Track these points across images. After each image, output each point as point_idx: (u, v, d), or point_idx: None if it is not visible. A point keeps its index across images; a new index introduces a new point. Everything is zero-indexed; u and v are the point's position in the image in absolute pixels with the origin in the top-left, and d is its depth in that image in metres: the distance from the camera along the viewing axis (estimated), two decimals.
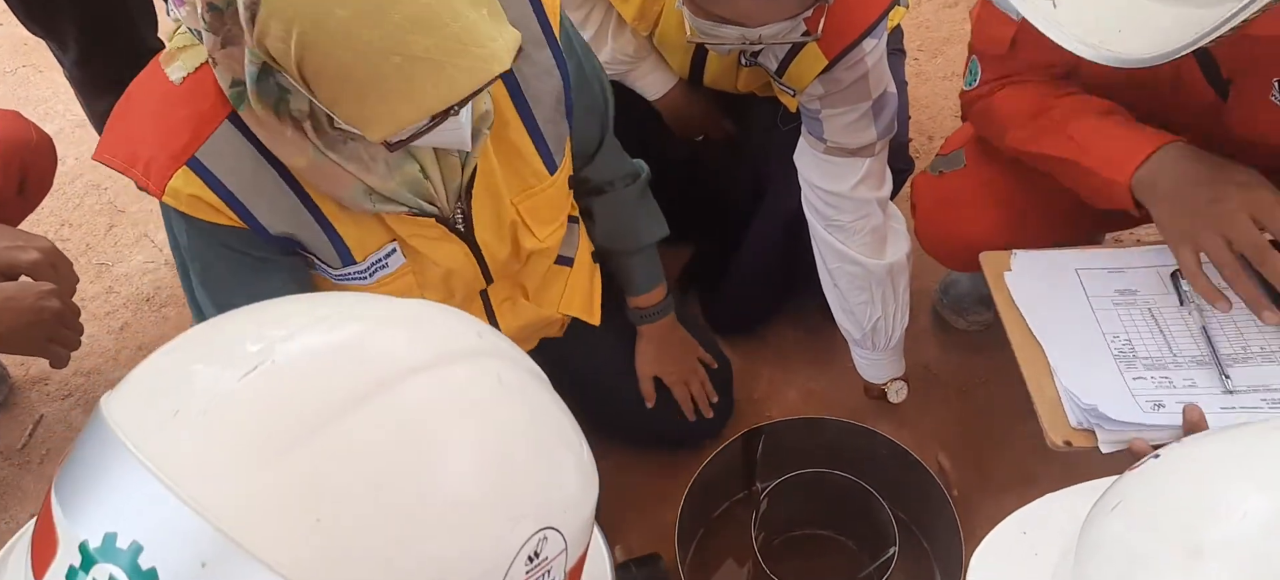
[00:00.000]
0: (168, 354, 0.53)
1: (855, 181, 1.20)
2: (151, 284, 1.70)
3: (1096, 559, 0.53)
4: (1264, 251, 0.93)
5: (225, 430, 0.47)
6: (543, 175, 1.04)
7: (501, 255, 1.06)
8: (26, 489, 1.45)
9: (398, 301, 0.56)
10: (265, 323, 0.54)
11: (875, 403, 1.46)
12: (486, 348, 0.53)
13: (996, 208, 1.21)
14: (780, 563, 1.22)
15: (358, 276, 0.99)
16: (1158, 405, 0.95)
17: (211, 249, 0.95)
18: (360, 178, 0.90)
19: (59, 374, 1.58)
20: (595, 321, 1.24)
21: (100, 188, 1.86)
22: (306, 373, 0.49)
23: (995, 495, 1.36)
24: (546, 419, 0.54)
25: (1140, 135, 1.02)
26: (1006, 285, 1.06)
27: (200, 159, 0.88)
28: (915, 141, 1.83)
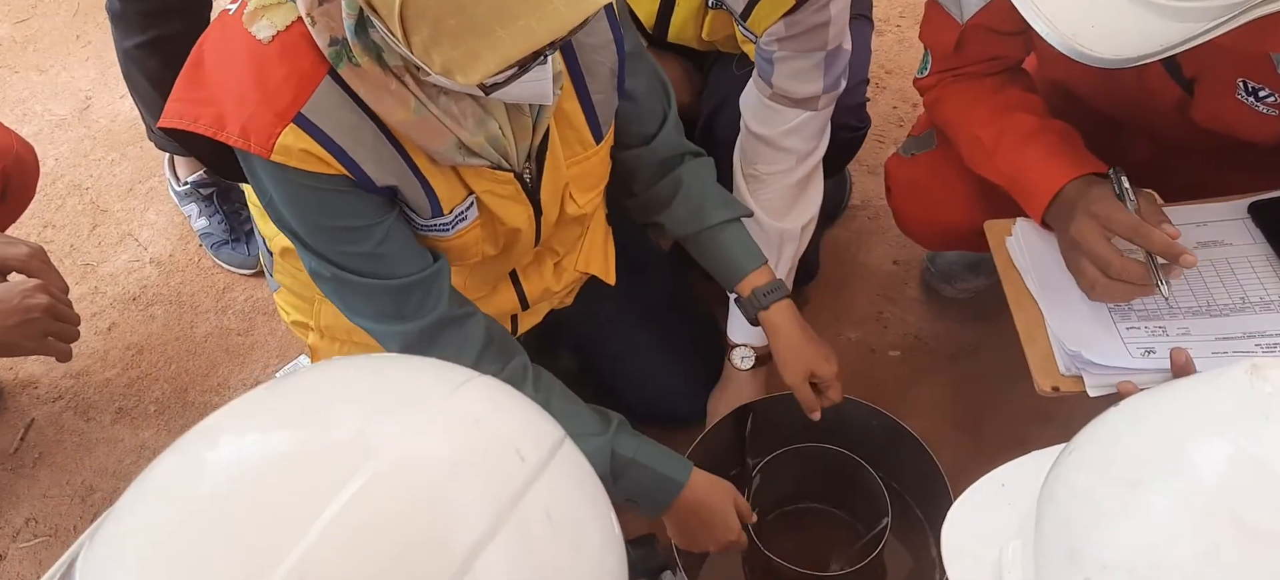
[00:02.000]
0: (160, 555, 0.44)
1: (785, 129, 1.20)
2: (137, 283, 1.69)
3: (1050, 504, 0.55)
4: (1112, 261, 0.96)
5: None
6: (589, 144, 1.07)
7: (552, 218, 1.09)
8: (20, 492, 1.45)
9: (426, 417, 0.49)
10: (283, 492, 0.44)
11: (865, 375, 1.47)
12: (530, 470, 0.48)
13: (969, 188, 1.21)
14: (775, 538, 1.23)
15: (442, 228, 1.02)
16: (1149, 351, 0.98)
17: (323, 198, 0.94)
18: (454, 131, 0.92)
19: (49, 377, 1.57)
20: (611, 280, 1.25)
21: (82, 188, 1.85)
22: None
23: (987, 461, 1.35)
24: (599, 534, 0.51)
25: (1050, 171, 1.04)
26: (1007, 248, 1.09)
27: (307, 115, 0.89)
28: (899, 109, 1.82)
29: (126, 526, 0.46)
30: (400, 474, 0.45)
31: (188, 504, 0.45)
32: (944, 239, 1.36)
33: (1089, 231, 0.97)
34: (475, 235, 1.04)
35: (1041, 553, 0.54)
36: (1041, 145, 1.06)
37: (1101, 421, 0.57)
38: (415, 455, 0.46)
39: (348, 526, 0.42)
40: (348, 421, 0.48)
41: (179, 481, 0.46)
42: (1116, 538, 0.49)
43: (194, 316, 1.64)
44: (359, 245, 0.98)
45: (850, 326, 1.54)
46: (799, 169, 1.24)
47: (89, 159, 1.90)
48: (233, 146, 0.90)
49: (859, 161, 1.73)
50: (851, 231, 1.65)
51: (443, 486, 0.46)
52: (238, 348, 1.59)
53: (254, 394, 0.51)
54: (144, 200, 1.82)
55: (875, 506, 1.19)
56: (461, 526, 0.44)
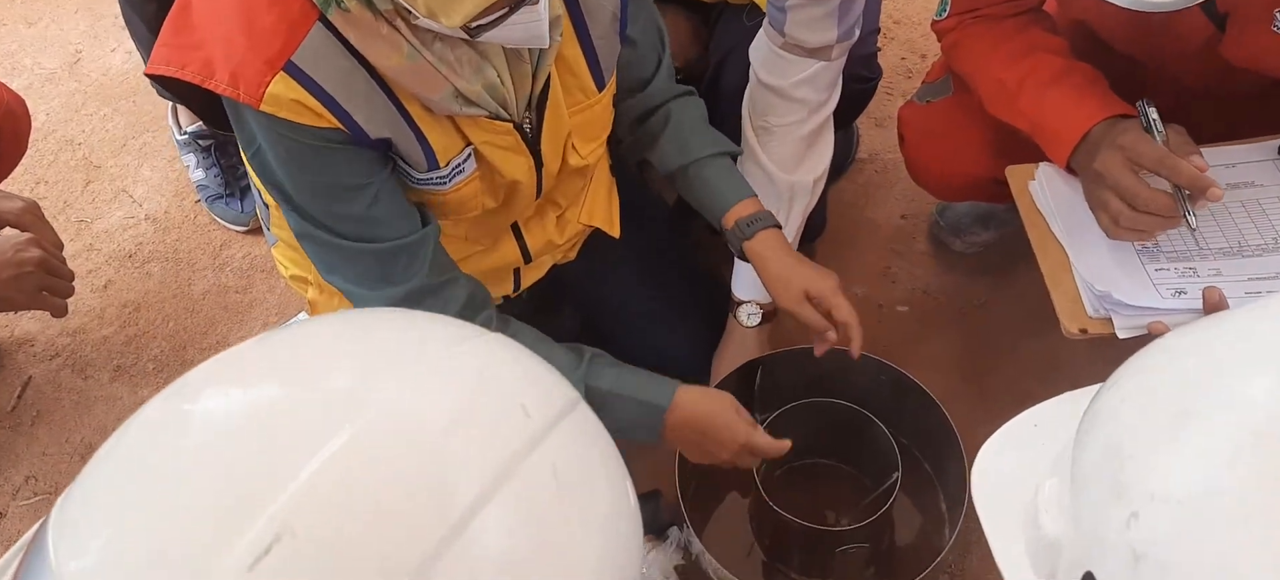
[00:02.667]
0: (135, 505, 0.41)
1: (797, 79, 1.17)
2: (133, 240, 1.67)
3: (1091, 438, 0.54)
4: (1139, 192, 0.94)
5: None
6: (591, 91, 1.04)
7: (553, 169, 1.06)
8: (19, 451, 1.43)
9: (429, 370, 0.46)
10: (265, 444, 0.41)
11: (873, 330, 1.45)
12: (537, 428, 0.45)
13: (986, 135, 1.19)
14: (783, 493, 1.22)
15: (438, 181, 0.98)
16: (1179, 292, 0.97)
17: (314, 154, 0.91)
18: (450, 79, 0.89)
19: (46, 335, 1.55)
20: (615, 233, 1.23)
21: (74, 144, 1.82)
22: (339, 552, 0.38)
23: (996, 414, 1.34)
24: (611, 500, 0.49)
25: (1077, 113, 1.01)
26: (1031, 193, 1.08)
27: (297, 62, 0.86)
28: (908, 60, 1.79)
29: (102, 478, 0.44)
30: (393, 425, 0.42)
31: (166, 453, 0.43)
32: (958, 188, 1.34)
33: (1115, 163, 0.95)
34: (474, 188, 1.02)
35: (1082, 489, 0.53)
36: (1067, 87, 1.03)
37: (1146, 354, 0.56)
38: (410, 407, 0.44)
39: (335, 476, 0.40)
40: (341, 372, 0.45)
41: (158, 433, 0.44)
42: (1166, 470, 0.48)
43: (191, 273, 1.62)
44: (349, 206, 0.95)
45: (858, 282, 1.52)
46: (811, 121, 1.22)
47: (81, 114, 1.86)
48: (221, 95, 0.88)
49: (867, 114, 1.70)
50: (858, 185, 1.63)
51: (440, 439, 0.43)
52: (236, 305, 1.57)
53: (241, 347, 0.49)
54: (138, 156, 1.79)
55: (884, 461, 1.18)
56: (459, 481, 0.42)
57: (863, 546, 1.14)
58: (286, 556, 0.37)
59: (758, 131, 1.23)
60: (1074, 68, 1.06)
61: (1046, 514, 0.55)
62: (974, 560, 1.24)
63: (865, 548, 1.15)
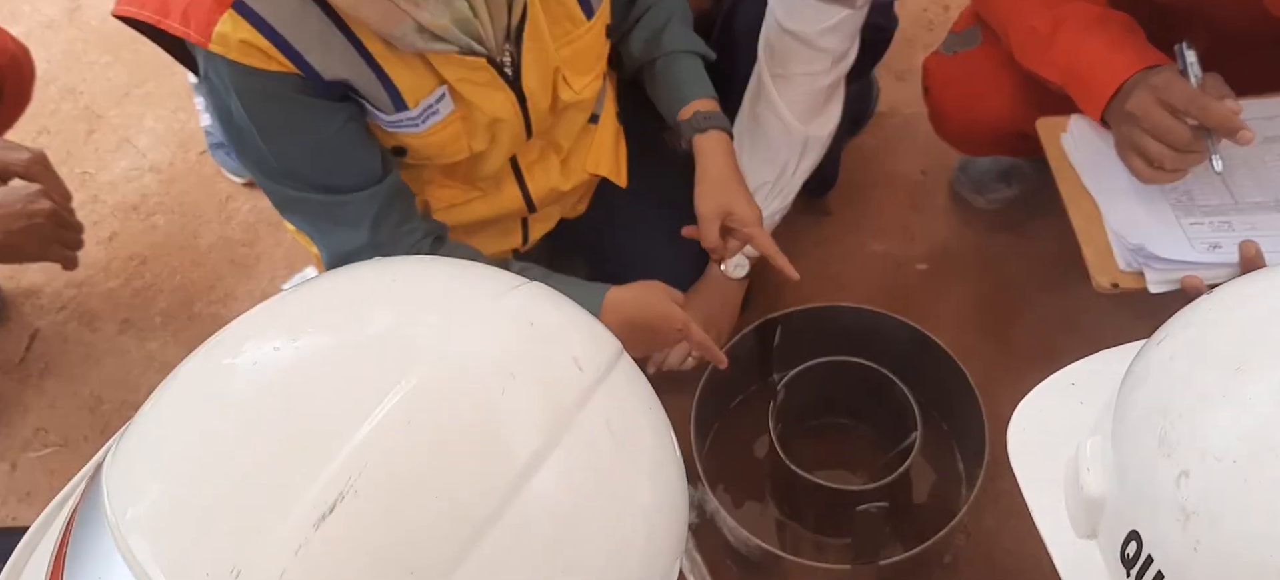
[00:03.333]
0: (192, 456, 0.41)
1: (825, 27, 1.14)
2: (137, 191, 1.64)
3: (1137, 394, 0.52)
4: (1173, 128, 0.93)
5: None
6: (580, 20, 1.00)
7: (543, 105, 1.02)
8: (27, 402, 1.42)
9: (479, 322, 0.44)
10: (322, 400, 0.40)
11: (891, 287, 1.43)
12: (589, 381, 0.45)
13: (1014, 87, 1.16)
14: (800, 452, 1.21)
15: (410, 123, 0.95)
16: (1214, 246, 0.96)
17: (267, 99, 0.89)
18: (410, 13, 0.85)
19: (51, 287, 1.54)
20: (622, 182, 1.20)
21: (76, 92, 1.79)
22: (402, 508, 0.37)
23: (1017, 372, 1.33)
24: (659, 449, 0.48)
25: (1113, 64, 0.99)
26: (1062, 145, 1.05)
27: (246, 1, 0.83)
28: (929, 11, 1.75)
29: (152, 432, 0.43)
30: (449, 380, 0.41)
31: (220, 407, 0.42)
32: (983, 141, 1.31)
33: (1147, 102, 0.94)
34: (454, 130, 0.98)
35: (1127, 446, 0.51)
36: (1103, 36, 1.00)
37: (1194, 309, 0.54)
38: (465, 362, 0.43)
39: (395, 432, 0.39)
40: (390, 323, 0.44)
41: (207, 387, 0.43)
42: (1217, 425, 0.46)
43: (197, 226, 1.60)
44: (298, 152, 0.93)
45: (875, 238, 1.49)
46: (834, 71, 1.19)
47: (82, 62, 1.83)
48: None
49: (887, 66, 1.66)
50: (878, 139, 1.60)
51: (497, 395, 0.42)
52: (243, 259, 1.55)
53: (281, 297, 0.47)
54: (140, 105, 1.76)
55: (902, 420, 1.16)
56: (518, 436, 0.41)
57: (880, 506, 1.13)
58: (351, 515, 0.37)
59: (775, 79, 1.20)
60: (1110, 17, 1.03)
61: (1088, 473, 0.54)
62: (992, 519, 1.23)
63: (883, 507, 1.14)
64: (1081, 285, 1.02)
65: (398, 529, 0.38)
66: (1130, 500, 0.50)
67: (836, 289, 1.43)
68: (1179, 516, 0.46)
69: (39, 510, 1.39)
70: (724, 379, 1.23)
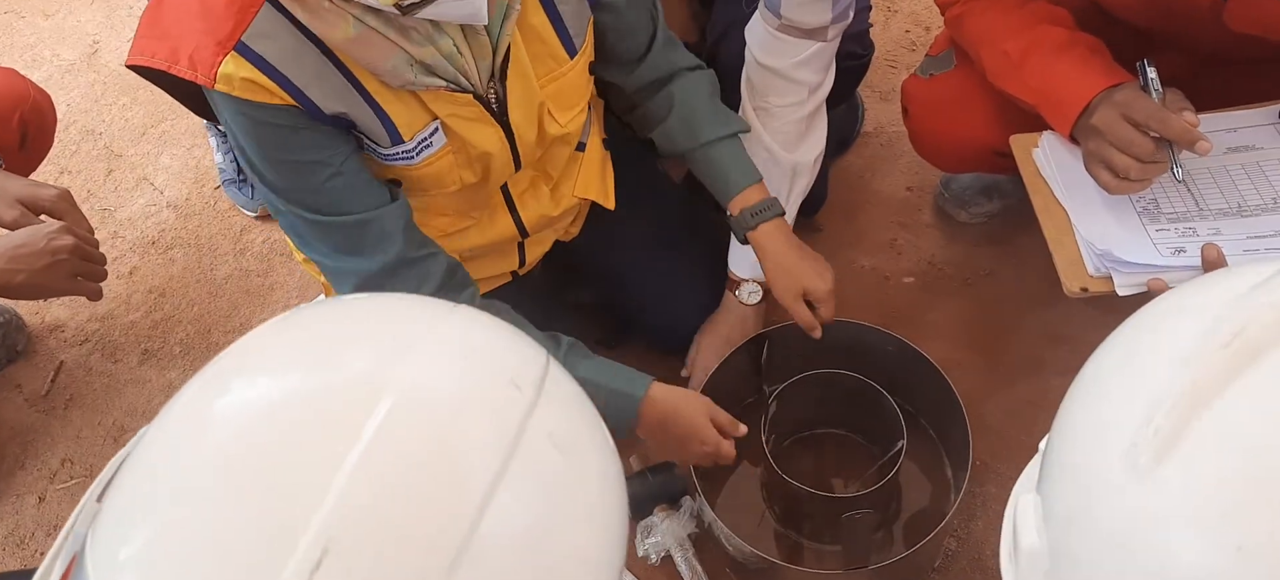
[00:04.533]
0: (175, 507, 0.43)
1: (798, 61, 1.19)
2: (156, 227, 1.71)
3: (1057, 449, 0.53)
4: (1136, 141, 0.98)
5: None
6: (563, 59, 1.05)
7: (530, 138, 1.07)
8: (54, 434, 1.48)
9: (436, 357, 0.48)
10: (292, 462, 0.43)
11: (880, 301, 1.47)
12: (528, 399, 0.48)
13: (989, 107, 1.21)
14: (792, 462, 1.26)
15: (405, 156, 1.00)
16: (1179, 250, 1.00)
17: (275, 130, 0.95)
18: (401, 45, 0.90)
19: (75, 321, 1.60)
20: (610, 205, 1.25)
21: (95, 133, 1.85)
22: (382, 554, 0.40)
23: (1003, 383, 1.39)
24: (597, 449, 0.52)
25: (1081, 83, 1.03)
26: (1034, 160, 1.10)
27: (247, 42, 0.89)
28: (912, 33, 1.80)
29: (136, 495, 0.46)
30: (407, 422, 0.45)
31: (198, 464, 0.45)
32: (962, 160, 1.36)
33: (1111, 117, 0.98)
34: (447, 162, 1.03)
35: (1051, 503, 0.52)
36: (1071, 57, 1.05)
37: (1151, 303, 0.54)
38: (418, 400, 0.46)
39: (368, 476, 0.42)
40: (352, 361, 0.48)
41: (185, 443, 0.46)
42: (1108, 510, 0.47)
43: (213, 259, 1.66)
44: (310, 180, 0.98)
45: (864, 254, 1.54)
46: (810, 101, 1.24)
47: (100, 104, 1.90)
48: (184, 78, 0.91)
49: (871, 87, 1.72)
50: (864, 159, 1.65)
51: (450, 429, 0.46)
52: (258, 289, 1.61)
53: (259, 333, 0.51)
54: (157, 144, 1.83)
55: (890, 430, 1.21)
56: (476, 464, 0.45)
57: (870, 512, 1.17)
58: (335, 569, 0.40)
59: (758, 111, 1.25)
60: (1078, 39, 1.07)
61: (1026, 529, 0.52)
62: (979, 524, 1.27)
63: (872, 513, 1.18)
64: (1064, 297, 1.06)
65: (380, 573, 0.41)
66: (1056, 553, 0.51)
67: None
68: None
69: None
70: (718, 394, 1.27)
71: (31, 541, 1.38)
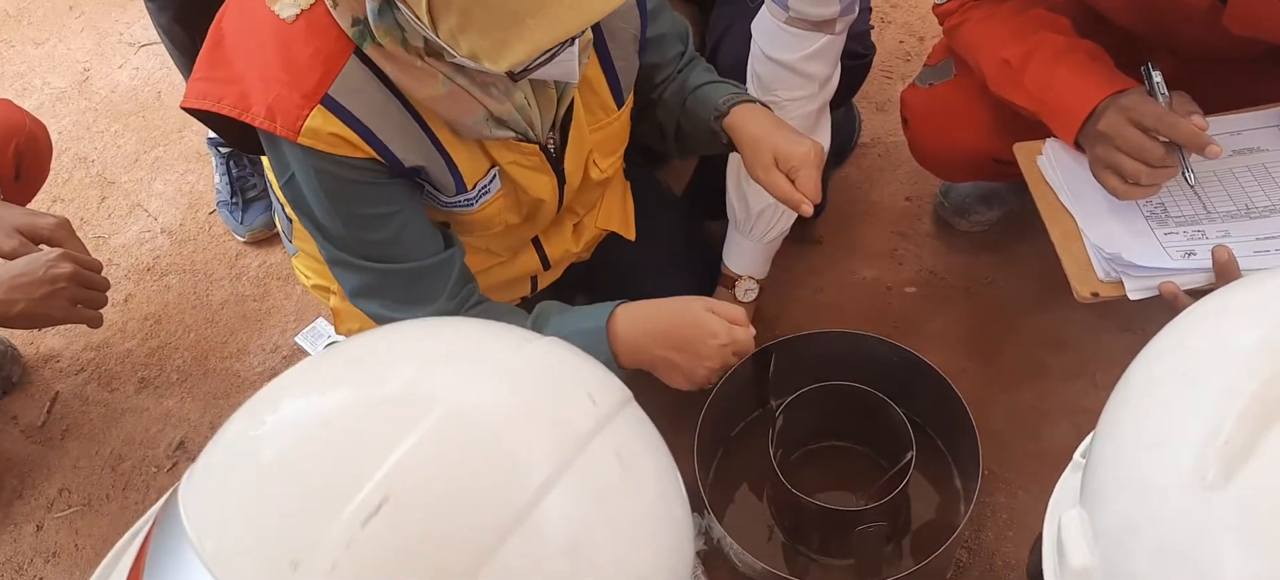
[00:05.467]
0: (254, 470, 0.47)
1: (807, 54, 1.19)
2: (150, 254, 1.70)
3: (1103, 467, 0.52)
4: (1146, 147, 0.98)
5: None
6: (611, 109, 1.06)
7: (575, 185, 1.09)
8: (51, 464, 1.46)
9: (500, 364, 0.50)
10: (364, 427, 0.47)
11: (882, 311, 1.47)
12: (601, 414, 0.50)
13: (988, 115, 1.21)
14: (800, 476, 1.25)
15: (465, 203, 1.01)
16: (1189, 253, 1.00)
17: (349, 187, 0.94)
18: (483, 102, 0.91)
19: (71, 350, 1.58)
20: (631, 235, 1.25)
21: (88, 161, 1.84)
22: (437, 511, 0.44)
23: (1007, 390, 1.39)
24: (664, 476, 0.53)
25: (1084, 90, 1.04)
26: (1038, 167, 1.10)
27: (334, 96, 0.88)
28: (907, 43, 1.81)
29: (218, 469, 0.49)
30: (474, 406, 0.47)
31: (274, 446, 0.48)
32: (961, 168, 1.36)
33: (1118, 122, 0.98)
34: (498, 206, 1.04)
35: (1100, 519, 0.51)
36: (1072, 64, 1.05)
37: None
38: (483, 397, 0.49)
39: (430, 446, 0.45)
40: (414, 374, 0.50)
41: (265, 430, 0.49)
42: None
43: (209, 284, 1.65)
44: (377, 233, 0.98)
45: (865, 264, 1.54)
46: (821, 94, 1.23)
47: (92, 131, 1.89)
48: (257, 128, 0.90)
49: (868, 99, 1.72)
50: (862, 170, 1.65)
51: (512, 423, 0.48)
52: (255, 313, 1.60)
53: (312, 359, 0.53)
54: (150, 170, 1.82)
55: (898, 441, 1.20)
56: (537, 454, 0.47)
57: (881, 525, 1.17)
58: (391, 517, 0.43)
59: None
60: (1078, 45, 1.08)
61: (1073, 546, 0.51)
62: (991, 534, 1.27)
63: (883, 526, 1.17)
64: (1066, 302, 1.06)
65: (430, 530, 0.44)
66: (1113, 570, 0.50)
67: (829, 315, 1.48)
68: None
69: (65, 571, 1.43)
70: (723, 409, 1.27)
71: (30, 568, 1.36)
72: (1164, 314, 0.98)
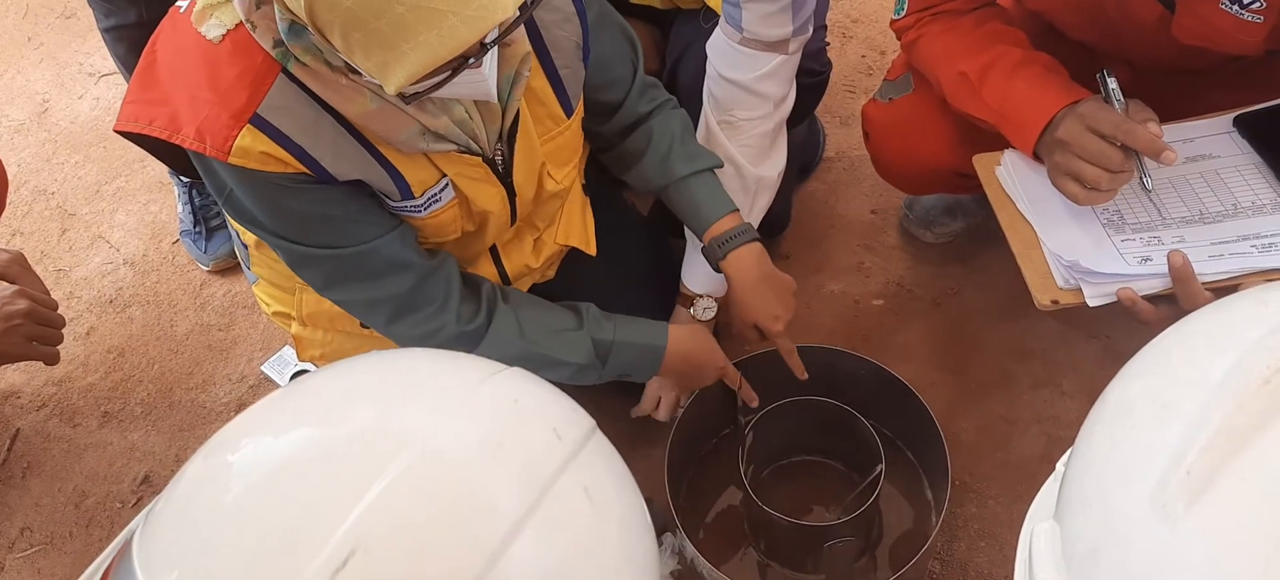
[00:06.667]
0: (214, 522, 0.46)
1: (761, 74, 1.20)
2: (112, 285, 1.67)
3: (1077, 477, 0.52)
4: (1105, 153, 0.99)
5: None
6: (561, 119, 1.06)
7: (528, 196, 1.09)
8: (12, 503, 1.44)
9: (462, 401, 0.50)
10: (328, 476, 0.46)
11: (850, 325, 1.48)
12: (567, 450, 0.50)
13: (948, 129, 1.22)
14: (772, 492, 1.25)
15: (414, 209, 1.00)
16: (1145, 259, 1.01)
17: (286, 198, 0.94)
18: (417, 117, 0.90)
19: (31, 386, 1.55)
20: (592, 250, 1.25)
21: (47, 193, 1.82)
22: (406, 563, 0.42)
23: (975, 400, 1.39)
24: (631, 513, 0.53)
25: (1041, 101, 1.05)
26: (998, 178, 1.11)
27: (263, 115, 0.87)
28: (868, 57, 1.82)
29: (177, 515, 0.47)
30: (442, 448, 0.46)
31: (237, 490, 0.47)
32: (923, 182, 1.37)
33: (1076, 130, 1.00)
34: (452, 213, 1.04)
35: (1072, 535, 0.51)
36: (1029, 76, 1.07)
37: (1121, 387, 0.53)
38: (452, 438, 0.48)
39: (399, 492, 0.44)
40: (379, 413, 0.49)
41: (220, 474, 0.48)
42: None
43: (173, 315, 1.63)
44: (325, 232, 0.97)
45: (832, 278, 1.55)
46: (776, 114, 1.24)
47: (52, 163, 1.86)
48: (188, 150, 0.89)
49: (831, 113, 1.73)
50: (827, 184, 1.66)
51: (486, 458, 0.47)
52: (220, 343, 1.58)
53: (274, 397, 0.52)
54: (112, 201, 1.79)
55: (868, 454, 1.20)
56: (506, 496, 0.46)
57: (852, 540, 1.17)
58: (361, 568, 0.42)
59: (723, 125, 1.26)
60: (1034, 58, 1.09)
61: (1041, 560, 0.51)
62: (961, 545, 1.27)
63: (855, 540, 1.17)
64: (1031, 312, 1.07)
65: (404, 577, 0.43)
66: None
67: (798, 330, 1.47)
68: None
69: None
70: (694, 427, 1.27)
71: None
72: (1124, 321, 1.00)
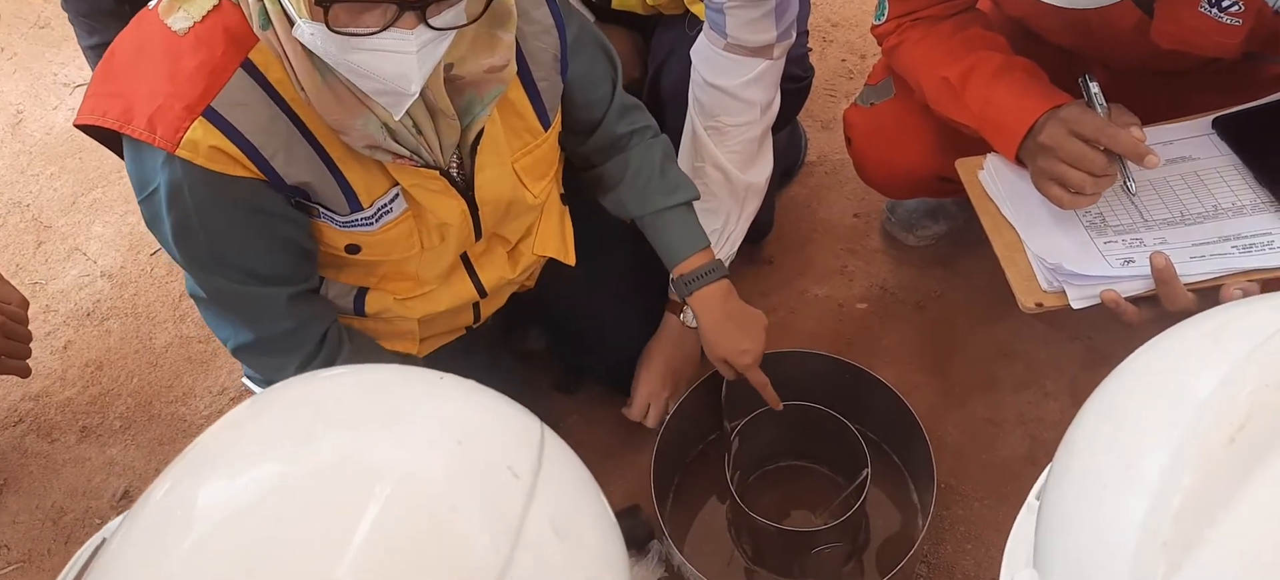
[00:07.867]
0: (181, 566, 0.44)
1: (746, 79, 1.21)
2: (90, 298, 1.65)
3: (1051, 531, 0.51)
4: (1088, 156, 1.00)
5: None
6: (538, 132, 1.05)
7: (498, 213, 1.07)
8: None
9: (427, 442, 0.48)
10: (308, 536, 0.43)
11: (834, 329, 1.48)
12: (525, 485, 0.48)
13: (930, 133, 1.23)
14: (758, 498, 1.25)
15: (365, 222, 0.98)
16: (1127, 261, 1.02)
17: (225, 207, 0.91)
18: (366, 105, 0.87)
19: (7, 401, 1.53)
20: (570, 260, 1.24)
21: (22, 205, 1.79)
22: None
23: (959, 403, 1.40)
24: (598, 519, 0.52)
25: (1023, 106, 1.06)
26: (980, 182, 1.11)
27: (217, 109, 0.85)
28: (848, 61, 1.83)
29: (134, 563, 0.45)
30: (410, 508, 0.44)
31: (197, 542, 0.44)
32: (905, 186, 1.38)
33: (1059, 134, 1.00)
34: (406, 228, 1.02)
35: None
36: (1010, 82, 1.07)
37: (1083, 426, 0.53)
38: (418, 485, 0.46)
39: (372, 566, 0.42)
40: (341, 445, 0.47)
41: (173, 524, 0.45)
42: None
43: (152, 327, 1.61)
44: (263, 251, 0.96)
45: (815, 282, 1.55)
46: (763, 119, 1.24)
47: (26, 175, 1.84)
48: (135, 139, 0.87)
49: (813, 117, 1.74)
50: (809, 188, 1.66)
51: (452, 524, 0.45)
52: (200, 355, 1.56)
53: (238, 416, 0.50)
54: (88, 213, 1.77)
55: (854, 459, 1.20)
56: (480, 558, 0.44)
57: (839, 545, 1.17)
58: None
59: (710, 132, 1.26)
60: (1015, 63, 1.10)
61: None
62: (949, 547, 1.27)
63: (842, 545, 1.17)
64: (1014, 314, 1.07)
65: None
66: None
67: (783, 335, 1.48)
68: None
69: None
70: (680, 433, 1.27)
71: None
72: (1107, 322, 1.00)
